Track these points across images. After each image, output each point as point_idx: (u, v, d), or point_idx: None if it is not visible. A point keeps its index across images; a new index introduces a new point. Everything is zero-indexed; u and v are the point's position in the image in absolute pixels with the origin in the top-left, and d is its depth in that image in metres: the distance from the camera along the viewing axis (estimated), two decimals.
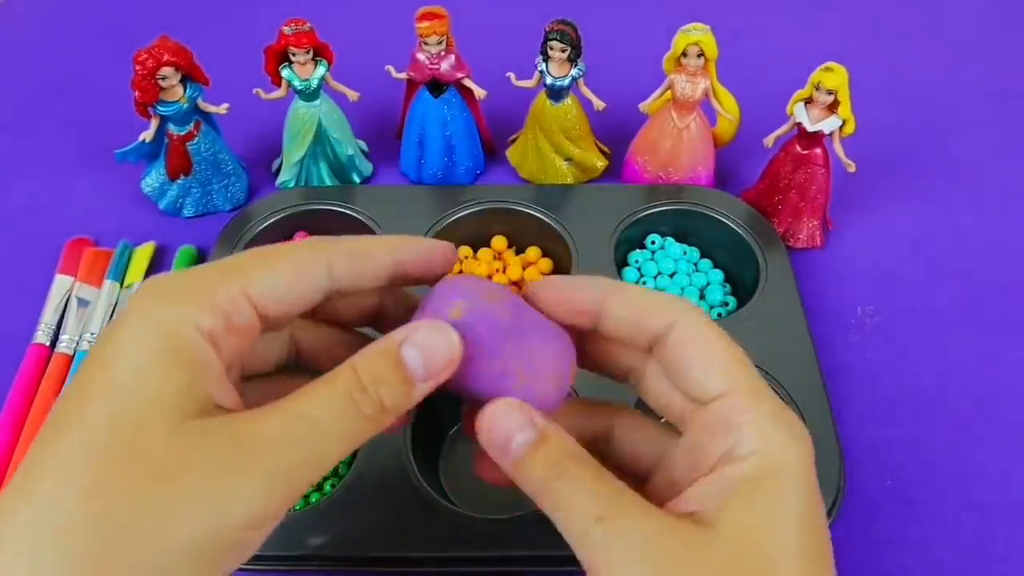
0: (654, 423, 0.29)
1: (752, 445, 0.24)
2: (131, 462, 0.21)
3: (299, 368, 0.29)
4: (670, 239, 0.56)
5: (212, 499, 0.21)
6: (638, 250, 0.55)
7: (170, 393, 0.22)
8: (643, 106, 0.57)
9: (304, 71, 0.54)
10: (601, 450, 0.29)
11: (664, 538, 0.23)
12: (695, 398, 0.26)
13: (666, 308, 0.26)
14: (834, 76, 0.49)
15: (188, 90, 0.53)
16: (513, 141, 0.61)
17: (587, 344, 0.29)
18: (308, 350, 0.29)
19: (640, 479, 0.28)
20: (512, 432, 0.25)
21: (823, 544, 0.24)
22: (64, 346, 0.50)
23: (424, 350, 0.24)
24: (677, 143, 0.56)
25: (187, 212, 0.58)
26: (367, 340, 0.26)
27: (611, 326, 0.27)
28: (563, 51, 0.53)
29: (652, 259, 0.54)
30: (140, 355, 0.22)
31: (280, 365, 0.29)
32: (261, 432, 0.22)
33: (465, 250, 0.55)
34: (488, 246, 0.56)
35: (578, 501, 0.24)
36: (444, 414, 0.47)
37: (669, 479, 0.27)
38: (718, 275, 0.54)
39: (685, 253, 0.55)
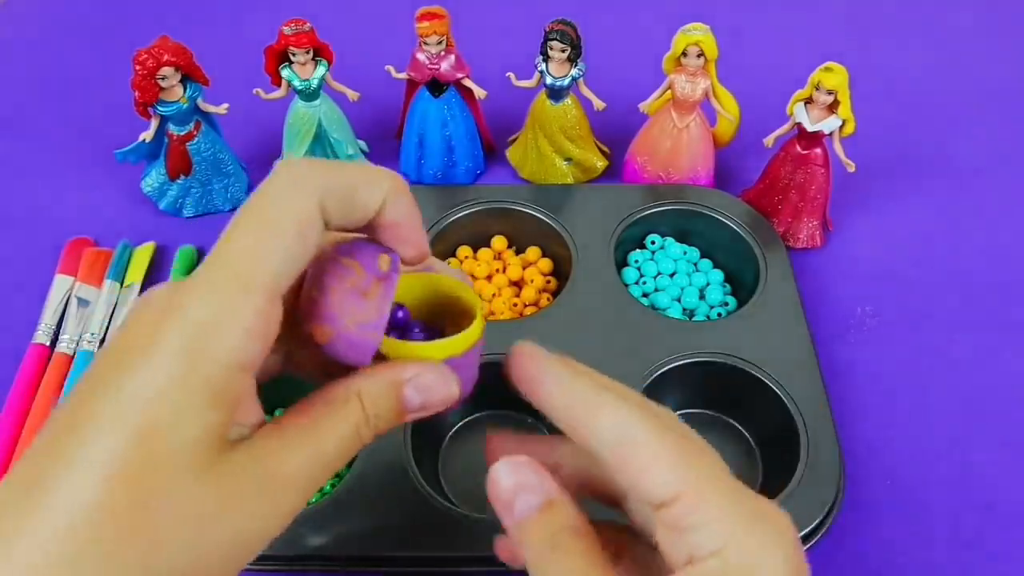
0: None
1: (711, 546, 0.23)
2: (159, 497, 0.21)
3: None
4: (670, 239, 0.56)
5: (244, 532, 0.23)
6: (638, 250, 0.55)
7: (206, 433, 0.22)
8: (643, 106, 0.57)
9: (304, 71, 0.54)
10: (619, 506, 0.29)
11: None
12: (651, 504, 0.24)
13: (612, 407, 0.25)
14: (834, 76, 0.49)
15: (188, 90, 0.53)
16: (513, 141, 0.61)
17: None
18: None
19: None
20: (517, 493, 0.26)
21: None
22: (64, 346, 0.50)
23: (426, 393, 0.26)
24: (677, 143, 0.56)
25: (187, 212, 0.58)
26: None
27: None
28: (563, 51, 0.53)
29: (652, 259, 0.54)
30: (177, 396, 0.22)
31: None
32: (288, 472, 0.24)
33: (465, 250, 0.55)
34: (488, 246, 0.56)
35: None
36: (445, 414, 0.47)
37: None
38: (718, 275, 0.54)
39: (685, 253, 0.55)
